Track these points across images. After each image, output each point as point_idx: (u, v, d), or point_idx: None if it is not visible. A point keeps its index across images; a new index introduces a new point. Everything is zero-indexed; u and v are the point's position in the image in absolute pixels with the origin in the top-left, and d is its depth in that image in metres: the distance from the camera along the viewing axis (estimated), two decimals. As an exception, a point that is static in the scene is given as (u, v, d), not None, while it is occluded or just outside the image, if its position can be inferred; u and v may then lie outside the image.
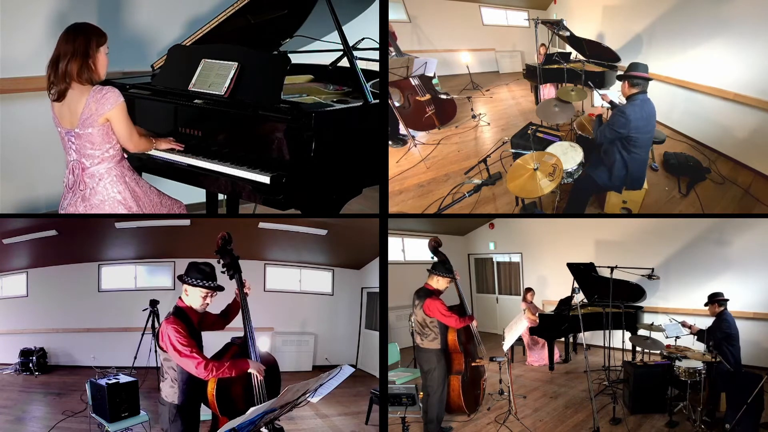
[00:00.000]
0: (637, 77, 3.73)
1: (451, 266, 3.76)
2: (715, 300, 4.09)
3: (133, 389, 3.69)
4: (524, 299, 5.75)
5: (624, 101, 3.87)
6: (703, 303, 4.17)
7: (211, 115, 3.49)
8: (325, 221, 5.42)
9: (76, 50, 3.04)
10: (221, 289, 2.82)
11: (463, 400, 4.03)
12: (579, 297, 5.09)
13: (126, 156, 3.32)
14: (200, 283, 2.74)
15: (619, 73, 4.33)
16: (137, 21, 4.78)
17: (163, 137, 3.52)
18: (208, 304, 2.80)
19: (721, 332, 3.93)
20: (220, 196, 4.54)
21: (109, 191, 3.19)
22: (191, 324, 2.73)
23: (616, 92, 4.56)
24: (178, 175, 3.56)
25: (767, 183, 4.11)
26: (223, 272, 2.90)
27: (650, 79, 3.78)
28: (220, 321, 3.00)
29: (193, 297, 2.76)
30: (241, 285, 2.95)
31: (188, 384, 2.67)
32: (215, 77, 3.51)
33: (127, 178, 3.26)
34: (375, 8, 4.05)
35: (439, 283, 3.73)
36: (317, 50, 4.28)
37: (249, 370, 2.72)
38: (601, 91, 4.47)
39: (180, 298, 2.80)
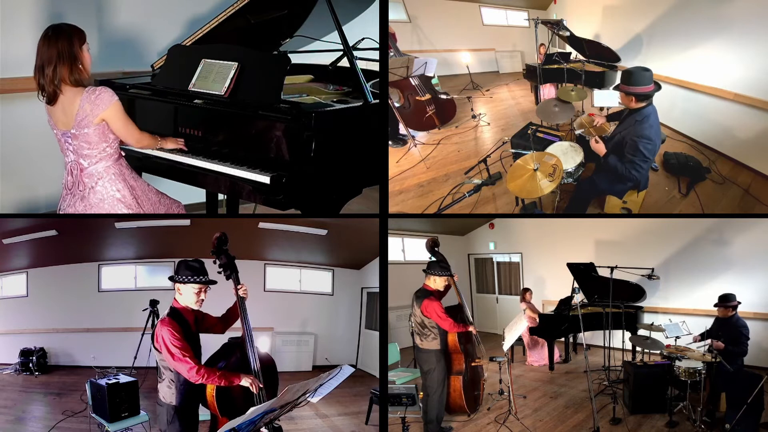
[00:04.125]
0: (641, 93, 3.41)
1: (448, 265, 3.76)
2: (731, 304, 4.04)
3: (133, 389, 3.69)
4: (523, 299, 5.75)
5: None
6: (713, 304, 4.13)
7: (211, 115, 3.49)
8: (325, 221, 5.41)
9: (61, 54, 3.01)
10: (213, 282, 2.81)
11: (464, 400, 4.03)
12: (579, 297, 5.09)
13: (124, 155, 3.31)
14: (192, 279, 2.73)
15: (620, 75, 4.30)
16: (137, 21, 4.78)
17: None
18: (203, 299, 2.79)
19: (739, 340, 3.90)
20: (220, 196, 4.54)
21: (108, 189, 3.18)
22: (187, 325, 2.72)
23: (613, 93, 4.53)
24: (177, 175, 3.56)
25: (767, 183, 4.11)
26: (219, 272, 2.90)
27: (659, 88, 3.52)
28: (219, 325, 2.97)
29: (187, 295, 2.76)
30: (237, 286, 2.93)
31: (186, 385, 2.67)
32: (215, 77, 3.51)
33: (126, 176, 3.25)
34: (375, 8, 4.05)
35: (436, 283, 3.73)
36: (317, 50, 4.28)
37: (242, 383, 2.68)
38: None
39: (174, 299, 2.79)
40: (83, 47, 3.10)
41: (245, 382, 2.68)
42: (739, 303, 4.06)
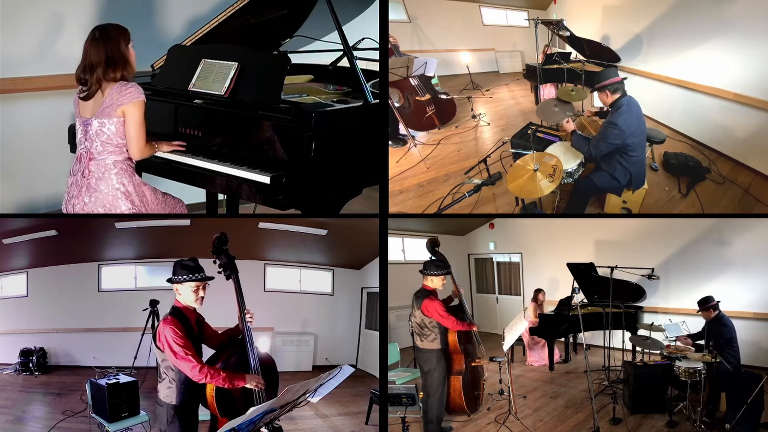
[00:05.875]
0: (611, 84, 3.71)
1: (444, 264, 3.76)
2: (709, 306, 4.06)
3: (133, 389, 3.69)
4: (535, 299, 5.73)
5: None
6: (696, 310, 4.15)
7: (211, 115, 3.49)
8: (325, 221, 5.41)
9: (110, 57, 3.07)
10: (210, 278, 2.81)
11: (464, 401, 4.03)
12: (579, 297, 5.09)
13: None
14: (188, 278, 2.73)
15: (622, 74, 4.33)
16: (137, 21, 4.77)
17: (164, 139, 3.50)
18: (203, 297, 2.79)
19: (722, 338, 3.92)
20: (220, 196, 4.54)
21: (114, 182, 3.18)
22: (189, 324, 2.72)
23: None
24: (177, 175, 3.55)
25: (767, 183, 4.11)
26: (219, 272, 2.90)
27: (624, 79, 3.80)
28: (216, 339, 2.95)
29: (186, 294, 2.76)
30: (239, 288, 2.91)
31: (186, 384, 2.67)
32: (215, 77, 3.51)
33: (132, 174, 3.26)
34: (375, 8, 4.05)
35: (434, 282, 3.74)
36: (317, 50, 4.28)
37: (246, 385, 2.68)
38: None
39: (176, 299, 2.79)
40: (129, 46, 3.16)
41: (249, 384, 2.68)
42: (719, 302, 4.07)
